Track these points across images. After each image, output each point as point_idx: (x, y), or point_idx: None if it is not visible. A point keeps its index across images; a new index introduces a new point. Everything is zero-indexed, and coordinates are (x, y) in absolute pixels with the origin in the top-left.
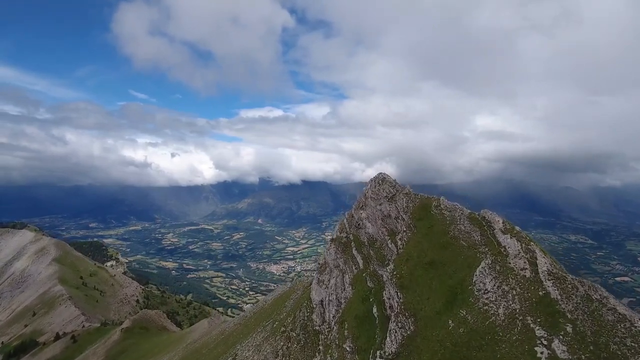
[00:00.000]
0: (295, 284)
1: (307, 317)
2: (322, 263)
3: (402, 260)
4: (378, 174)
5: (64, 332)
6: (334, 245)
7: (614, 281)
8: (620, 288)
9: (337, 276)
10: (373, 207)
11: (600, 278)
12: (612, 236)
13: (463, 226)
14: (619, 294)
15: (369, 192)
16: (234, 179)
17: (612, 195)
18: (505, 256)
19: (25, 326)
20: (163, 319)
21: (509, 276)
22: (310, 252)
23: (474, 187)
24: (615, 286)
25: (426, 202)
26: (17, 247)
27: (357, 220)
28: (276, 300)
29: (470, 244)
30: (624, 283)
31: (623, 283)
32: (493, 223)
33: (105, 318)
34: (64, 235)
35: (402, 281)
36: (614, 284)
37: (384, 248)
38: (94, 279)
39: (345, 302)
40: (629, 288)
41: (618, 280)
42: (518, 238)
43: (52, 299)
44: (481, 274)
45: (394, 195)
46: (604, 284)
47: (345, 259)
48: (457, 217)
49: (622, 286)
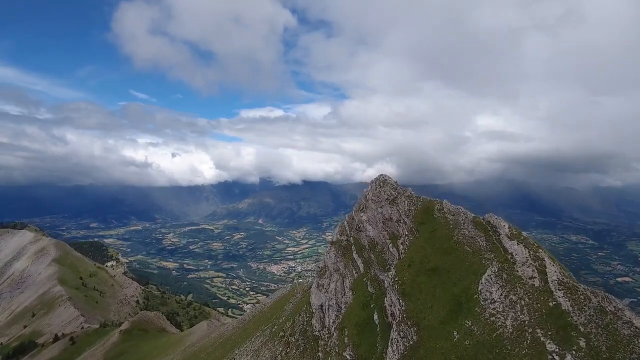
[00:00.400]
0: (294, 287)
1: (307, 322)
2: (321, 267)
3: (404, 265)
4: (379, 175)
5: (63, 334)
6: (334, 249)
7: (615, 282)
8: (621, 288)
9: (337, 280)
10: (374, 210)
11: (601, 278)
12: (613, 236)
13: (467, 231)
14: (620, 295)
15: (369, 194)
16: (235, 179)
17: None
18: (513, 264)
19: (24, 327)
20: (162, 320)
21: (516, 285)
22: (310, 252)
23: (475, 187)
24: (616, 286)
25: (429, 205)
26: (16, 248)
27: (358, 223)
28: (275, 304)
29: (475, 249)
30: (625, 283)
31: (624, 283)
32: (499, 228)
33: (104, 319)
34: (65, 235)
35: (404, 288)
36: (615, 284)
37: (385, 252)
38: (94, 280)
39: (345, 307)
40: (630, 288)
41: (619, 281)
42: (525, 244)
43: (51, 300)
44: (487, 283)
45: (395, 198)
46: (605, 285)
47: (345, 262)
48: (461, 221)
49: (623, 286)
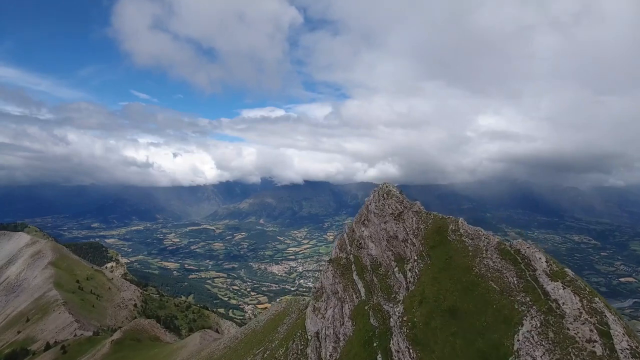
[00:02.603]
0: (290, 305)
1: (301, 350)
2: (318, 287)
3: (415, 301)
4: (382, 185)
5: (55, 341)
6: (332, 268)
7: (618, 282)
8: (624, 289)
9: (335, 306)
10: (377, 225)
11: (605, 279)
12: (616, 236)
13: (492, 261)
14: (623, 295)
15: (371, 206)
16: (236, 179)
17: (616, 195)
18: (561, 317)
19: (18, 332)
20: (156, 328)
21: (570, 351)
22: (312, 253)
23: (477, 187)
24: (619, 287)
25: (441, 224)
26: (12, 251)
27: (359, 239)
28: (269, 323)
29: (503, 287)
30: (629, 284)
31: (627, 284)
32: (533, 261)
33: (100, 324)
34: (66, 236)
35: (415, 333)
36: (618, 284)
37: (390, 277)
38: (91, 283)
39: (344, 339)
40: (633, 289)
41: (622, 281)
42: (574, 289)
43: (46, 305)
44: (527, 342)
45: (401, 213)
46: (608, 285)
47: (344, 284)
48: (483, 248)
49: (627, 287)
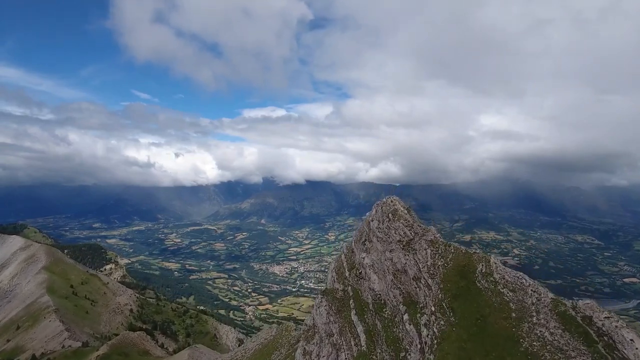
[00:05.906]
0: (280, 333)
1: None
2: (310, 325)
3: None
4: (387, 199)
5: (42, 353)
6: (326, 302)
7: (622, 283)
8: (628, 289)
9: (329, 355)
10: (380, 253)
11: (608, 279)
12: (619, 236)
13: (548, 332)
14: (627, 296)
15: (373, 224)
16: (238, 179)
17: (619, 195)
18: None
19: (7, 341)
20: (146, 341)
21: None
22: (313, 253)
23: (479, 187)
24: (623, 288)
25: (465, 262)
26: (5, 255)
27: (359, 266)
28: (256, 354)
29: None
30: (632, 284)
31: (631, 284)
32: (609, 331)
33: (93, 331)
34: (68, 236)
35: None
36: (622, 285)
37: (398, 325)
38: (86, 288)
39: None
40: (637, 290)
41: (626, 282)
42: None
43: (37, 311)
44: None
45: (411, 241)
46: (612, 286)
47: (341, 325)
48: (531, 307)
49: (630, 287)
